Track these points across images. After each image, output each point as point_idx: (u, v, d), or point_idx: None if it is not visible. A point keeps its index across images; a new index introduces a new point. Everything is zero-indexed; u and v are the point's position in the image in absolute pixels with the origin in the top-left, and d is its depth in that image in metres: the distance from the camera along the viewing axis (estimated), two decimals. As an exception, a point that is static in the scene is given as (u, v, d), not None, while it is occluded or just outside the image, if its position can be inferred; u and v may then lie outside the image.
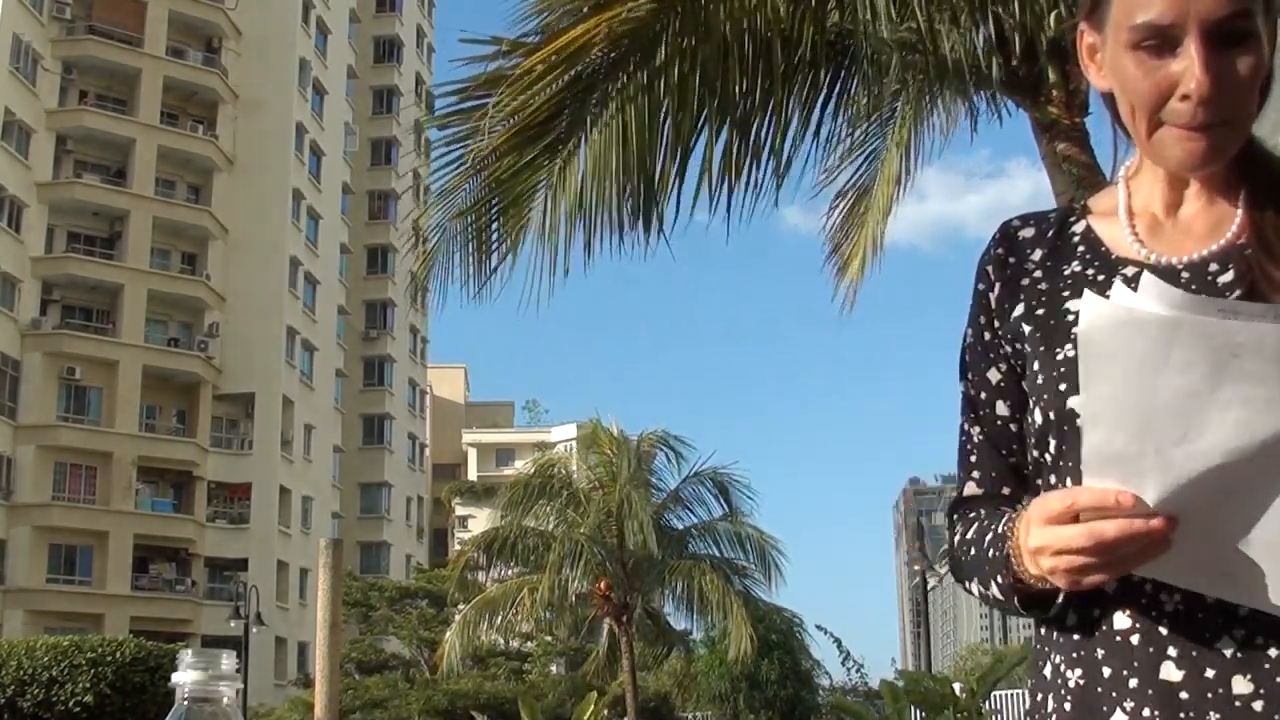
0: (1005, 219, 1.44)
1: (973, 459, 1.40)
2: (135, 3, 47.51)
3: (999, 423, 1.37)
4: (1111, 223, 1.37)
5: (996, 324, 1.38)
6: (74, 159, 46.13)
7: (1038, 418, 1.30)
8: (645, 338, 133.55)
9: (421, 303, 64.09)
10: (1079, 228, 1.39)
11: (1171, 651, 1.20)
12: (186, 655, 1.11)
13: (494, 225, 5.43)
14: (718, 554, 24.96)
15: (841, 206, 7.08)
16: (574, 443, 44.21)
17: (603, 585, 23.46)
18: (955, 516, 1.40)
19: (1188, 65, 1.22)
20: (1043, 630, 1.32)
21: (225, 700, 1.10)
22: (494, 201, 5.37)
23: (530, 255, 5.39)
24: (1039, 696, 1.31)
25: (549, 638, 37.11)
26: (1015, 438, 1.36)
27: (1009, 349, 1.36)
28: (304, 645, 45.84)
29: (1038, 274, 1.37)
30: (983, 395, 1.39)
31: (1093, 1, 1.33)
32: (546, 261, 5.38)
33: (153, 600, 43.99)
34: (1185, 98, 1.23)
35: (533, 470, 25.19)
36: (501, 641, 35.55)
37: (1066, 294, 1.33)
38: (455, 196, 5.44)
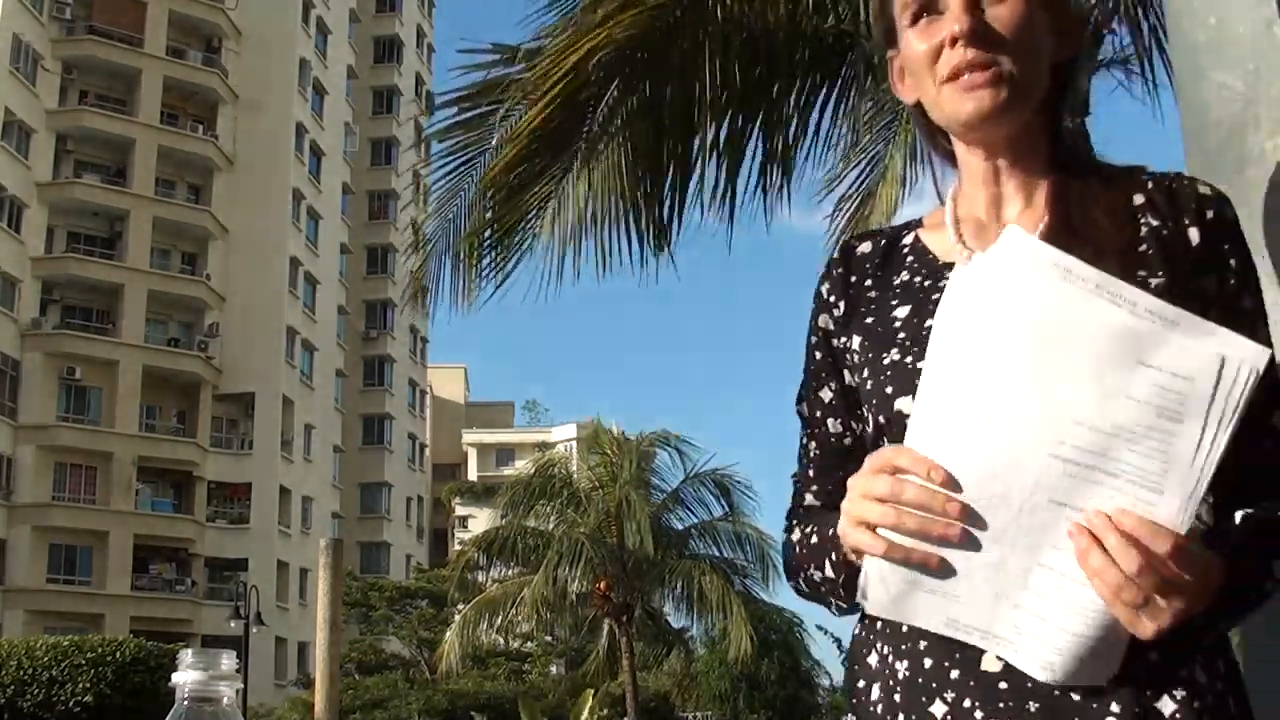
0: (845, 239, 1.53)
1: (810, 473, 1.47)
2: (135, 3, 47.50)
3: (832, 440, 1.45)
4: (940, 233, 1.42)
5: (834, 343, 1.43)
6: (74, 159, 46.13)
7: (869, 424, 1.35)
8: (646, 338, 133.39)
9: (422, 303, 63.87)
10: (908, 240, 1.45)
11: None
12: (186, 655, 1.11)
13: (492, 231, 5.42)
14: (718, 554, 24.97)
15: (846, 209, 7.06)
16: (574, 443, 44.22)
17: (603, 585, 23.45)
18: (793, 521, 1.47)
19: (951, 11, 1.32)
20: (866, 620, 1.35)
21: (225, 700, 1.11)
22: (495, 209, 5.36)
23: (532, 259, 5.39)
24: (861, 683, 1.34)
25: (548, 638, 37.13)
26: (847, 453, 1.42)
27: (847, 360, 1.42)
28: (304, 645, 45.85)
29: (868, 283, 1.43)
30: (817, 414, 1.45)
31: (885, 26, 1.43)
32: (548, 266, 5.37)
33: (153, 600, 43.98)
34: (953, 41, 1.31)
35: (533, 470, 25.19)
36: (501, 641, 35.55)
37: (895, 302, 1.39)
38: (455, 202, 5.43)
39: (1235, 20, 1.84)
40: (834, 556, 1.33)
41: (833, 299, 1.44)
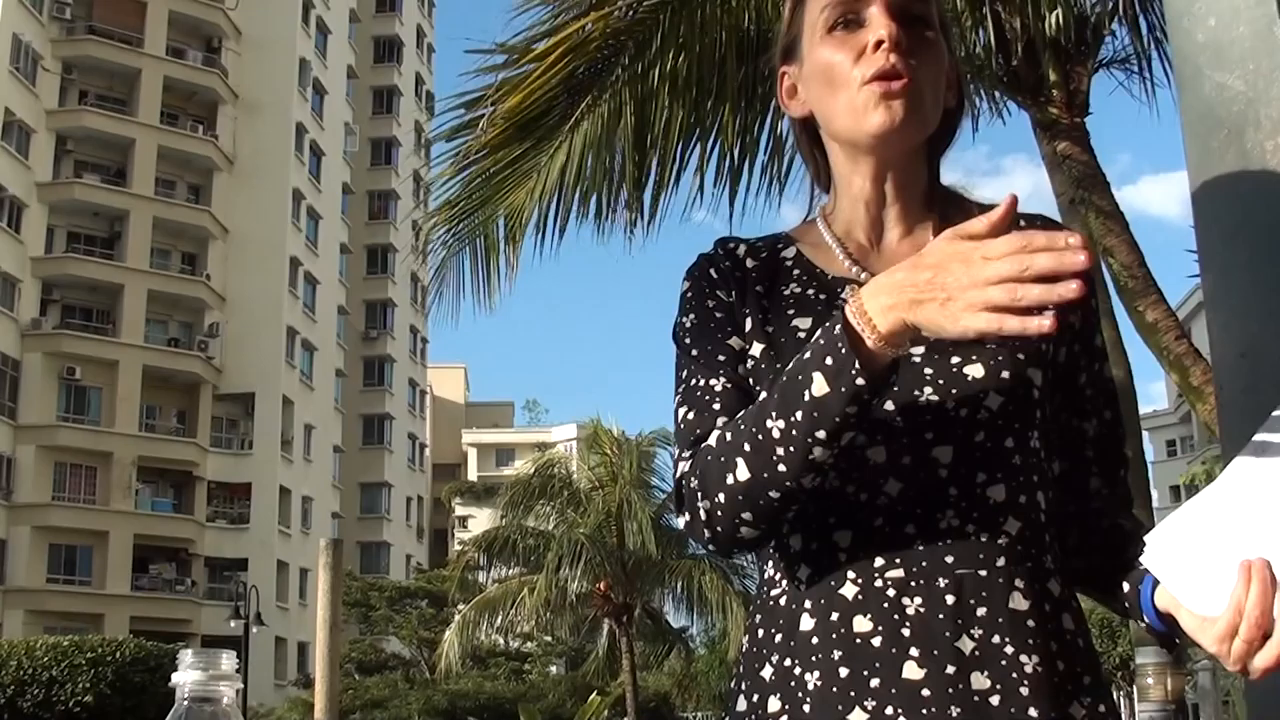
0: (719, 237, 1.51)
1: (717, 405, 1.35)
2: (135, 3, 47.48)
3: (742, 380, 1.38)
4: (821, 249, 1.44)
5: (732, 313, 1.41)
6: (74, 159, 46.11)
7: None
8: (647, 338, 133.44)
9: (422, 304, 64.06)
10: (789, 253, 1.46)
11: (913, 651, 1.23)
12: (186, 655, 1.11)
13: (490, 227, 5.42)
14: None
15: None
16: (574, 443, 44.20)
17: (603, 585, 23.45)
18: (699, 448, 1.33)
19: (875, 21, 1.35)
20: (760, 633, 1.34)
21: (225, 700, 1.11)
22: (492, 202, 5.37)
23: (529, 254, 5.39)
24: (756, 697, 1.31)
25: (549, 638, 37.14)
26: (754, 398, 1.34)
27: (746, 360, 1.39)
28: (304, 645, 45.84)
29: (759, 289, 1.42)
30: (721, 357, 1.39)
31: (788, 43, 1.45)
32: (544, 260, 5.38)
33: (153, 600, 43.97)
34: (878, 44, 1.33)
35: (533, 470, 25.19)
36: (501, 641, 35.55)
37: (791, 313, 1.39)
38: (457, 205, 5.43)
39: (1235, 20, 1.84)
40: (830, 359, 1.19)
41: (725, 282, 1.43)
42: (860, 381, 1.17)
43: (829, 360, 1.19)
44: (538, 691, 33.86)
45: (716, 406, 1.35)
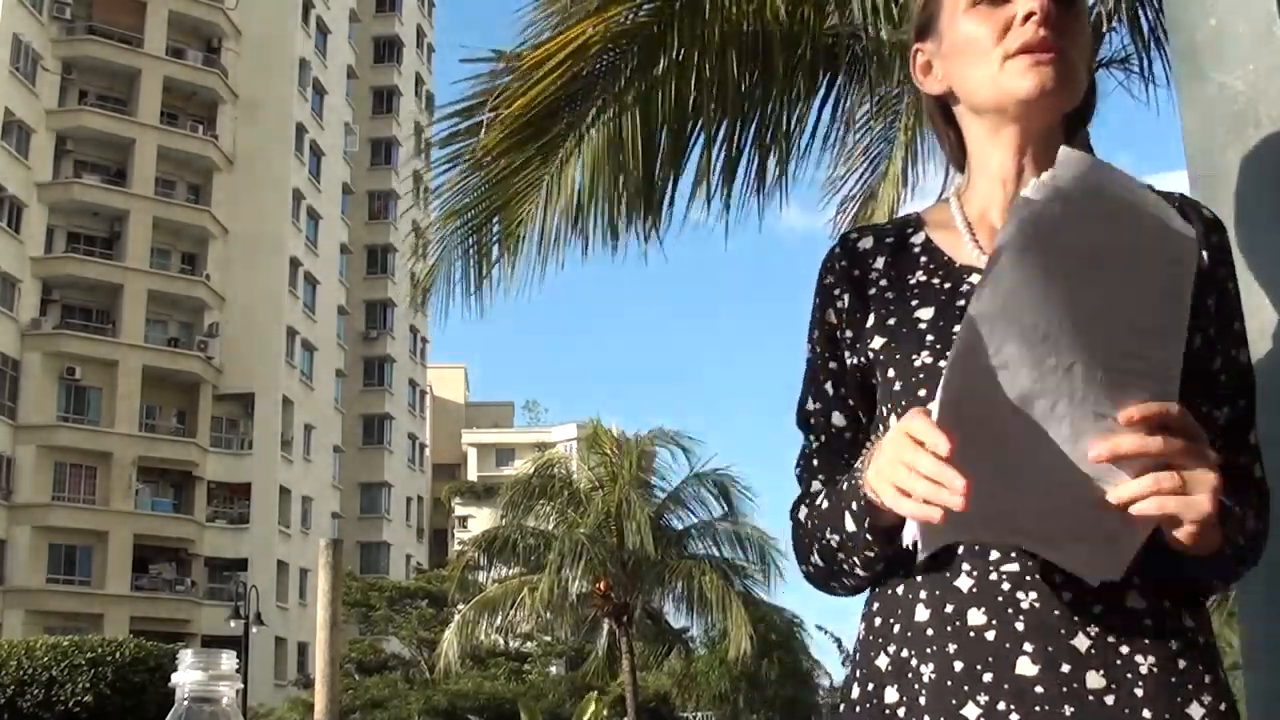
0: (842, 232, 1.52)
1: (815, 463, 1.45)
2: (135, 3, 47.51)
3: (834, 431, 1.44)
4: (950, 234, 1.42)
5: (840, 334, 1.42)
6: (74, 159, 46.13)
7: (894, 423, 1.31)
8: (646, 337, 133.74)
9: (422, 304, 63.94)
10: (918, 239, 1.44)
11: (1027, 647, 1.22)
12: (186, 655, 1.11)
13: (494, 232, 5.42)
14: (718, 554, 24.97)
15: (849, 211, 7.02)
16: (574, 443, 44.20)
17: (603, 585, 23.45)
18: (800, 504, 1.44)
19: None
20: (878, 621, 1.33)
21: (225, 700, 1.10)
22: (493, 206, 5.36)
23: (530, 257, 5.38)
24: (871, 686, 1.31)
25: (549, 638, 37.16)
26: (850, 445, 1.43)
27: (855, 360, 1.40)
28: (304, 645, 45.86)
29: (883, 283, 1.41)
30: (819, 406, 1.45)
31: (924, 20, 1.45)
32: (545, 263, 5.37)
33: (153, 600, 44.00)
34: (1029, 16, 1.32)
35: (533, 470, 25.20)
36: (501, 642, 35.57)
37: (915, 303, 1.37)
38: (457, 210, 5.42)
39: (1235, 20, 1.85)
40: (854, 505, 1.30)
41: (837, 291, 1.43)
42: (869, 537, 1.30)
43: (854, 505, 1.30)
44: (538, 691, 33.88)
45: (815, 463, 1.45)
